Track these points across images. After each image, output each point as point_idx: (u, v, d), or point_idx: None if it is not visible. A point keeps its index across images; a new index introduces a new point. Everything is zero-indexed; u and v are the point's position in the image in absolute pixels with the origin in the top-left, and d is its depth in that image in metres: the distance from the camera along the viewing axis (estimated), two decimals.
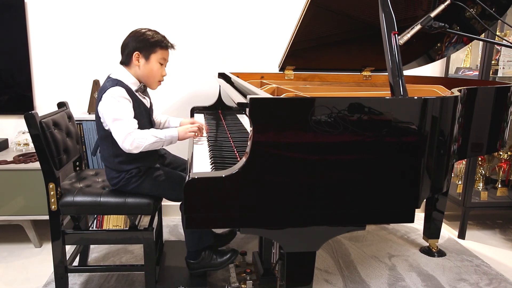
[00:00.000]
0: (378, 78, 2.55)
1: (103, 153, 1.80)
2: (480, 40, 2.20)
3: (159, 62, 1.80)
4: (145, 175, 1.79)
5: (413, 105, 1.26)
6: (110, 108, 1.67)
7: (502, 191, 2.86)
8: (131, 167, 1.76)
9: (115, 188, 1.82)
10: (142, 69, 1.77)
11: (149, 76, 1.79)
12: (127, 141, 1.64)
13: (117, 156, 1.75)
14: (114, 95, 1.67)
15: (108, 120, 1.68)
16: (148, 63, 1.77)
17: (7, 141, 2.75)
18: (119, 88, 1.69)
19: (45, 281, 2.10)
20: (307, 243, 1.32)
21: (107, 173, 1.84)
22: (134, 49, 1.74)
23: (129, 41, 1.76)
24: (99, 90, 1.75)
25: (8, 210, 2.34)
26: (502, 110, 2.05)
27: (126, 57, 1.77)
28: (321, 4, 1.90)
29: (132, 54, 1.74)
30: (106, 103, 1.68)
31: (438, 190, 1.44)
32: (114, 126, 1.66)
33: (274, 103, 1.19)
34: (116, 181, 1.79)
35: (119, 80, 1.73)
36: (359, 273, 2.24)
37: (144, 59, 1.76)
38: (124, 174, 1.77)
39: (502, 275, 2.26)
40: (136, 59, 1.75)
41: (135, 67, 1.77)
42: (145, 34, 1.75)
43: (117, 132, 1.66)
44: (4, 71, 2.68)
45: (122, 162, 1.75)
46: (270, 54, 2.82)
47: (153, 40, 1.75)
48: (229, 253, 1.96)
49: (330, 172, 1.23)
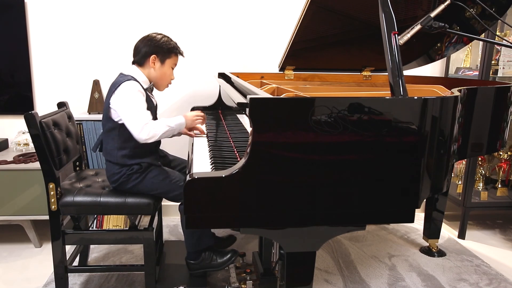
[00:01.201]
0: (378, 78, 2.55)
1: (106, 147, 1.84)
2: (480, 40, 2.20)
3: (171, 67, 1.93)
4: (146, 172, 1.81)
5: (413, 105, 1.26)
6: (126, 100, 1.73)
7: (502, 191, 2.86)
8: (133, 162, 1.79)
9: (115, 185, 1.83)
10: (157, 71, 1.88)
11: (161, 78, 1.91)
12: (144, 131, 1.70)
13: (121, 149, 1.79)
14: (130, 88, 1.75)
15: (123, 111, 1.73)
16: (163, 66, 1.88)
17: (7, 141, 2.75)
18: (135, 82, 1.78)
19: (45, 281, 2.10)
20: (307, 243, 1.32)
21: (108, 169, 1.85)
22: (152, 52, 1.85)
23: (145, 45, 1.86)
24: (112, 84, 1.81)
25: (8, 210, 2.34)
26: (502, 110, 2.05)
27: (141, 58, 1.86)
28: (321, 4, 1.91)
29: (149, 56, 1.85)
30: (121, 95, 1.74)
31: (438, 190, 1.44)
32: (130, 117, 1.72)
33: (274, 103, 1.19)
34: (117, 177, 1.80)
35: (132, 76, 1.82)
36: (359, 273, 2.24)
37: (160, 63, 1.87)
38: (126, 170, 1.79)
39: (502, 275, 2.26)
40: (152, 61, 1.86)
41: (149, 69, 1.88)
42: (162, 40, 1.87)
43: (133, 123, 1.71)
44: (4, 71, 2.68)
45: (125, 156, 1.79)
46: (270, 54, 2.82)
47: (170, 46, 1.89)
48: (229, 253, 1.96)
49: (330, 172, 1.23)
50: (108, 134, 1.82)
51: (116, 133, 1.79)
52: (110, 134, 1.81)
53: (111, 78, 2.70)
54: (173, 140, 2.43)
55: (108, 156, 1.84)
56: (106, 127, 1.83)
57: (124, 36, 2.71)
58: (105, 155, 1.86)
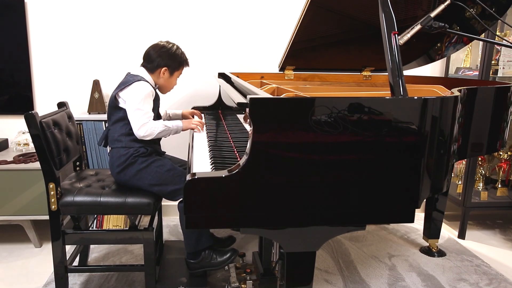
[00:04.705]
0: (378, 78, 2.55)
1: (114, 135, 1.90)
2: (480, 40, 2.20)
3: (177, 77, 2.05)
4: (152, 159, 1.87)
5: (413, 105, 1.26)
6: (136, 98, 1.83)
7: (502, 191, 2.86)
8: (140, 145, 1.89)
9: (119, 170, 1.86)
10: (164, 81, 1.99)
11: (166, 86, 2.03)
12: (142, 129, 1.83)
13: (129, 135, 1.88)
14: (143, 88, 1.85)
15: (130, 107, 1.83)
16: (171, 78, 2.01)
17: (7, 141, 2.75)
18: (147, 84, 1.89)
19: (45, 281, 2.10)
20: (307, 243, 1.32)
21: (114, 155, 1.89)
22: (164, 64, 1.95)
23: (159, 56, 1.94)
24: (122, 82, 1.90)
25: (8, 210, 2.34)
26: (502, 110, 2.05)
27: (153, 66, 1.95)
28: (321, 4, 1.91)
29: (161, 68, 1.95)
30: (133, 92, 1.84)
31: (438, 190, 1.44)
32: (134, 114, 1.83)
33: (274, 103, 1.19)
34: (123, 159, 1.85)
35: (142, 77, 1.91)
36: (359, 273, 2.24)
37: (169, 74, 1.98)
38: (133, 151, 1.87)
39: (502, 275, 2.26)
40: (162, 72, 1.96)
41: (158, 77, 1.97)
42: (175, 52, 1.97)
43: (135, 120, 1.83)
44: (4, 71, 2.68)
45: (133, 140, 1.89)
46: (270, 54, 2.82)
47: (181, 60, 2.00)
48: (229, 252, 1.96)
49: (330, 172, 1.23)
50: (116, 124, 1.90)
51: (125, 122, 1.87)
52: (119, 123, 1.89)
53: (111, 78, 2.73)
54: (173, 141, 2.43)
55: (115, 143, 1.90)
56: (114, 118, 1.90)
57: (124, 36, 2.71)
58: (112, 144, 1.92)
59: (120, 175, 1.87)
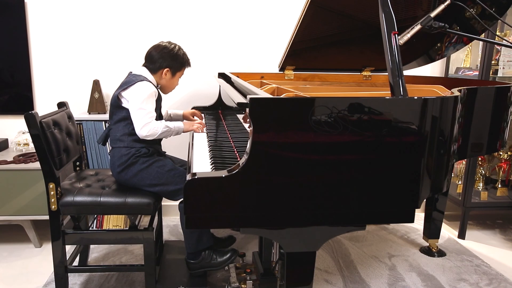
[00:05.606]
0: (378, 78, 2.55)
1: (116, 134, 1.90)
2: (480, 40, 2.20)
3: (179, 77, 2.05)
4: (153, 159, 1.87)
5: (413, 105, 1.26)
6: (139, 98, 1.83)
7: (502, 191, 2.86)
8: (142, 145, 1.89)
9: (121, 170, 1.85)
10: (166, 81, 2.00)
11: (168, 87, 2.05)
12: (145, 128, 1.83)
13: (131, 135, 1.88)
14: (146, 88, 1.85)
15: (133, 107, 1.84)
16: (173, 78, 2.01)
17: (7, 141, 2.75)
18: (150, 84, 1.89)
19: (45, 281, 2.10)
20: (307, 243, 1.32)
21: (115, 155, 1.88)
22: (167, 65, 1.95)
23: (161, 57, 1.94)
24: (125, 82, 1.89)
25: (8, 210, 2.34)
26: (502, 110, 2.05)
27: (155, 67, 1.95)
28: (321, 4, 1.91)
29: (163, 69, 1.95)
30: (136, 92, 1.84)
31: (438, 190, 1.44)
32: (137, 113, 1.83)
33: (274, 103, 1.19)
34: (125, 159, 1.85)
35: (145, 77, 1.91)
36: (359, 273, 2.24)
37: (171, 75, 1.99)
38: (134, 151, 1.87)
39: (502, 275, 2.26)
40: (164, 73, 1.96)
41: (160, 77, 1.98)
42: (177, 53, 1.97)
43: (138, 120, 1.83)
44: (4, 71, 2.68)
45: (135, 140, 1.89)
46: (270, 54, 2.82)
47: (183, 61, 2.00)
48: (229, 252, 1.96)
49: (330, 172, 1.23)
50: (118, 124, 1.89)
51: (128, 121, 1.87)
52: (121, 123, 1.89)
53: (111, 78, 2.74)
54: (173, 141, 2.43)
55: (117, 143, 1.90)
56: (116, 117, 1.90)
57: (124, 36, 2.71)
58: (113, 144, 1.92)
59: (121, 175, 1.87)
